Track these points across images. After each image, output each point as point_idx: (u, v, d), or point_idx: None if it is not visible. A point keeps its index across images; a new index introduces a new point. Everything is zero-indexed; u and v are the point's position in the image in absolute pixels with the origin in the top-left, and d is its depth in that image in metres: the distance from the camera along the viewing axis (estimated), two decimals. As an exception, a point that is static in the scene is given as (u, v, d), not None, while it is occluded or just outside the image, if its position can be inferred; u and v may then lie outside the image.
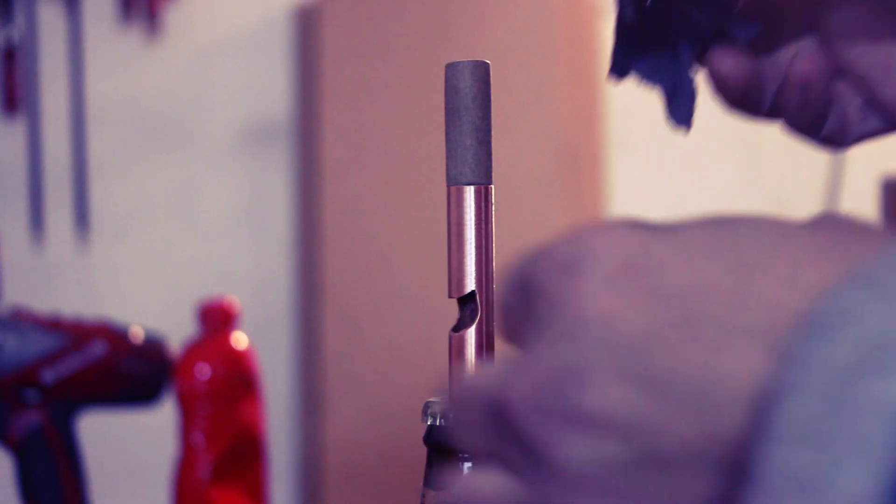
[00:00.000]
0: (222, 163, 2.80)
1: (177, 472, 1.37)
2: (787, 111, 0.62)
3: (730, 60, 0.61)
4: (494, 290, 0.58)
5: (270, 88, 2.82)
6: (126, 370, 1.31)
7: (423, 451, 0.65)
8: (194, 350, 1.38)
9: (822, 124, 0.62)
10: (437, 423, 0.63)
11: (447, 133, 0.62)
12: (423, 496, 0.64)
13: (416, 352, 2.58)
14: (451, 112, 0.61)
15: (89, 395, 1.30)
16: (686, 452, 0.39)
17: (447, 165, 0.62)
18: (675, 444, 0.39)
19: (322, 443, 2.61)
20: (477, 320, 0.62)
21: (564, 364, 0.40)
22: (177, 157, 2.78)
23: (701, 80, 0.62)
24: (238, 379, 1.37)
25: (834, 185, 2.73)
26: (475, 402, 0.44)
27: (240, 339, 1.39)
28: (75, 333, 1.30)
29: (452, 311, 0.60)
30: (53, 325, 1.30)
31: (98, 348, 1.30)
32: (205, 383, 1.36)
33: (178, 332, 1.61)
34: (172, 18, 2.77)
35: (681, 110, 0.62)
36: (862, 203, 2.54)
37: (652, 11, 0.60)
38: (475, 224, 0.62)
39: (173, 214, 2.79)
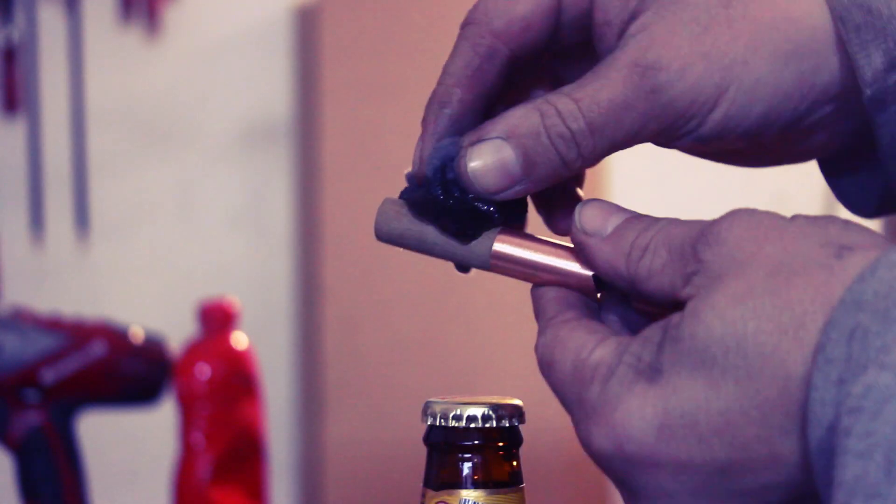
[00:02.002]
0: (222, 163, 2.80)
1: (177, 472, 1.37)
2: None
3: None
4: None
5: (270, 88, 2.82)
6: (126, 370, 1.31)
7: (423, 451, 0.65)
8: (194, 350, 1.38)
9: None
10: (437, 423, 0.63)
11: None
12: (423, 496, 0.64)
13: (416, 352, 2.58)
14: None
15: (89, 395, 1.30)
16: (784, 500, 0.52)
17: None
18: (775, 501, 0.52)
19: (322, 443, 2.61)
20: None
21: None
22: (177, 157, 2.78)
23: None
24: (238, 379, 1.37)
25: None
26: None
27: (240, 339, 1.39)
28: (75, 333, 1.30)
29: (452, 311, 0.61)
30: (53, 325, 1.30)
31: (98, 348, 1.30)
32: (205, 383, 1.36)
33: (178, 332, 1.61)
34: (172, 18, 2.77)
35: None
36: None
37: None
38: None
39: (173, 214, 2.79)
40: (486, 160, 0.59)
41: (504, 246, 0.61)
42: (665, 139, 0.60)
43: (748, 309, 0.50)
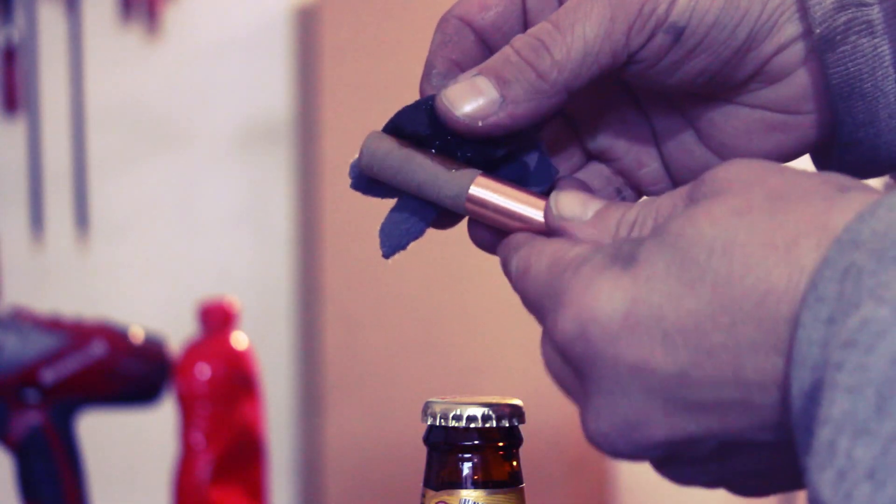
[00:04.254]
0: (222, 163, 2.80)
1: (177, 472, 1.37)
2: None
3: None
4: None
5: (270, 88, 2.82)
6: (126, 370, 1.31)
7: (423, 451, 0.65)
8: (194, 350, 1.38)
9: None
10: (437, 423, 0.63)
11: None
12: (424, 496, 0.65)
13: (416, 352, 2.58)
14: None
15: (89, 395, 1.31)
16: (747, 438, 0.50)
17: None
18: (737, 436, 0.50)
19: (322, 443, 2.61)
20: None
21: (623, 416, 0.51)
22: (177, 157, 2.78)
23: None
24: (238, 379, 1.38)
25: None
26: None
27: (240, 339, 1.40)
28: (75, 333, 1.30)
29: (452, 311, 0.61)
30: (53, 325, 1.30)
31: (98, 348, 1.30)
32: (205, 383, 1.36)
33: (178, 332, 1.61)
34: (172, 18, 2.77)
35: (394, 239, 0.62)
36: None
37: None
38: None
39: (173, 214, 2.79)
40: (459, 87, 0.59)
41: (481, 190, 0.59)
42: (644, 36, 0.59)
43: (743, 221, 0.49)
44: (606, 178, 0.65)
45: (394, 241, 0.62)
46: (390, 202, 0.64)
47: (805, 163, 0.66)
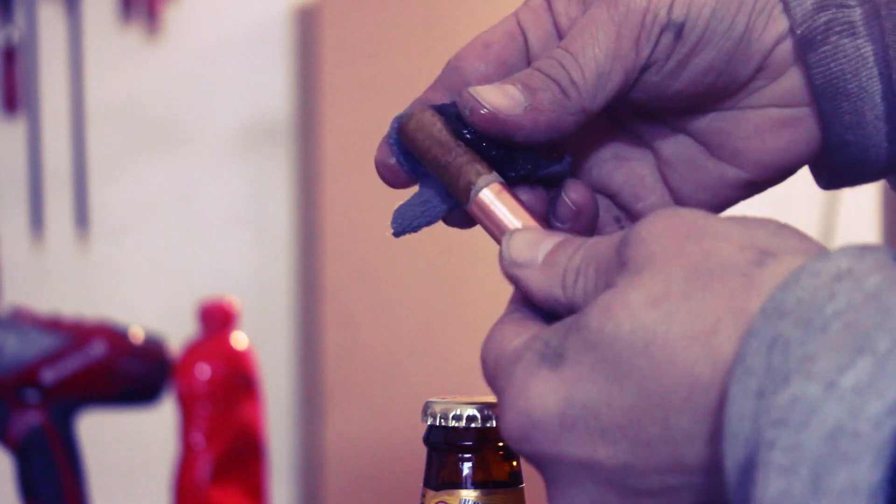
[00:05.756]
0: (222, 163, 2.80)
1: (177, 472, 1.37)
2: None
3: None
4: None
5: (270, 88, 2.82)
6: (126, 370, 1.31)
7: (423, 451, 0.65)
8: (194, 350, 1.38)
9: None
10: (437, 423, 0.63)
11: None
12: (424, 496, 0.65)
13: (416, 352, 2.58)
14: None
15: (89, 395, 1.31)
16: None
17: None
18: None
19: (322, 443, 2.61)
20: None
21: None
22: (177, 157, 2.78)
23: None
24: (238, 379, 1.38)
25: (834, 185, 2.73)
26: None
27: (240, 339, 1.40)
28: (75, 333, 1.30)
29: (452, 311, 0.60)
30: (53, 325, 1.30)
31: (98, 348, 1.30)
32: (205, 383, 1.36)
33: (178, 332, 1.61)
34: (172, 18, 2.77)
35: (408, 220, 0.62)
36: (862, 204, 2.54)
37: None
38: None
39: (173, 214, 2.79)
40: (489, 87, 0.60)
41: (490, 196, 0.59)
42: (650, 45, 0.60)
43: (661, 313, 0.49)
44: (606, 207, 0.66)
45: (407, 221, 0.62)
46: (384, 206, 0.64)
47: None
